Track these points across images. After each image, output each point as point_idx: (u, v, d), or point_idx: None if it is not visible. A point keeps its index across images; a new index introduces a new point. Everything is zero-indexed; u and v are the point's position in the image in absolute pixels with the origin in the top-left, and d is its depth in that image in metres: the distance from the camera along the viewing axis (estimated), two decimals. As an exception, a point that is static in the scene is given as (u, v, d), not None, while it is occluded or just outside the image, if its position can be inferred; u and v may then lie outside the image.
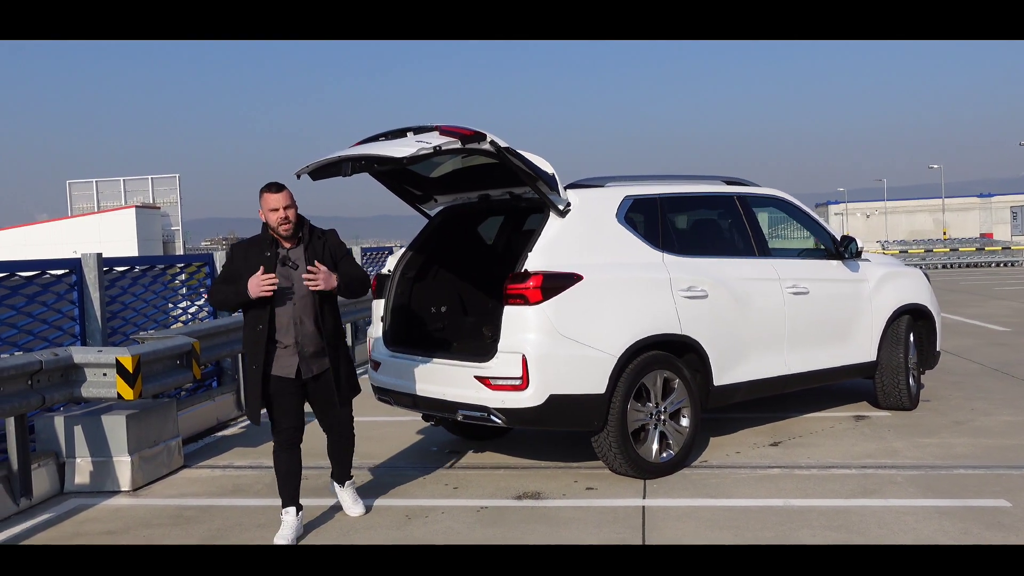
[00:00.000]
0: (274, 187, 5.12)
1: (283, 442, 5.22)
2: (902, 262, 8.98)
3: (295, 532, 5.19)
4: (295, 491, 5.26)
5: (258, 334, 5.06)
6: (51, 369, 6.06)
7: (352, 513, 5.58)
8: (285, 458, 5.23)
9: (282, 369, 5.13)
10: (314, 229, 5.26)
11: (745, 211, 7.26)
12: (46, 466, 6.29)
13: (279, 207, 5.04)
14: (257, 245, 5.16)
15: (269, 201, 5.07)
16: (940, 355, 8.79)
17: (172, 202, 66.16)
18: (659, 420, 6.27)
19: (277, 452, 5.25)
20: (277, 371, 5.13)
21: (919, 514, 5.29)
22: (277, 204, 5.05)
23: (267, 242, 5.14)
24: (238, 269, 5.11)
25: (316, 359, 5.17)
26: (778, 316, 7.02)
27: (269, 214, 5.08)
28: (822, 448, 6.90)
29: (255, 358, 5.09)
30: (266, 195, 5.09)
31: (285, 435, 5.21)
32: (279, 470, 5.25)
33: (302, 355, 5.13)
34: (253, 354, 5.11)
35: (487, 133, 5.60)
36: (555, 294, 5.82)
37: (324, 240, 5.24)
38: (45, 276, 7.03)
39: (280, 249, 5.15)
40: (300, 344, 5.11)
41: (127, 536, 5.41)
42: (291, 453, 5.24)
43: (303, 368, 5.15)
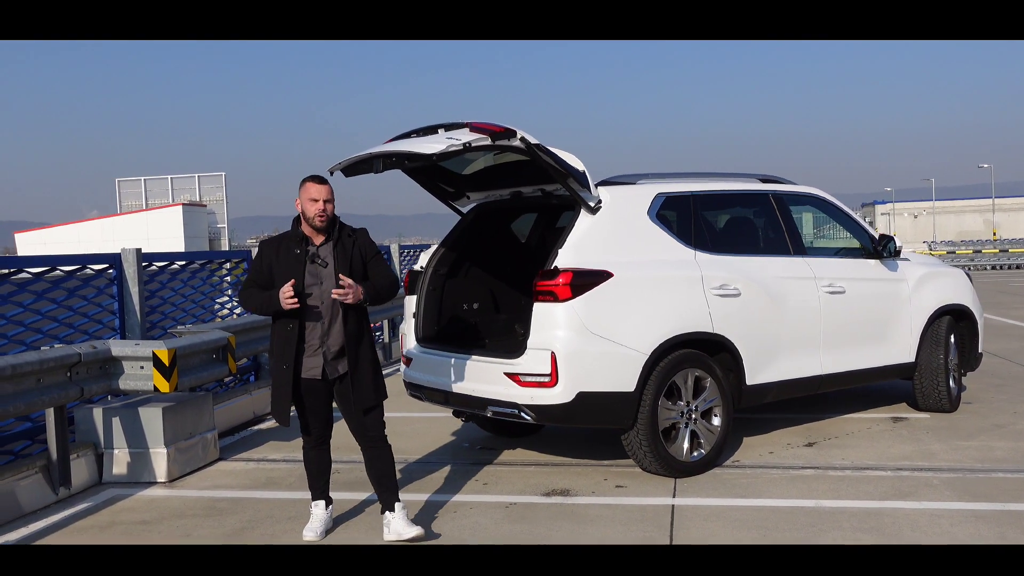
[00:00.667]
0: (318, 178, 5.08)
1: (312, 442, 5.25)
2: (944, 262, 8.83)
3: (324, 525, 5.23)
4: (325, 486, 5.30)
5: (289, 333, 5.00)
6: (90, 361, 6.18)
7: (406, 535, 5.01)
8: (314, 456, 5.27)
9: (308, 371, 5.07)
10: (344, 227, 5.17)
11: (780, 209, 7.18)
12: (85, 457, 6.42)
13: (320, 199, 4.98)
14: (288, 241, 5.11)
15: (311, 191, 5.00)
16: (982, 357, 8.63)
17: (218, 200, 67.17)
18: (690, 419, 6.23)
19: (307, 451, 5.29)
20: (304, 373, 5.07)
21: (954, 517, 5.20)
22: (318, 196, 4.98)
23: (297, 239, 5.08)
24: (268, 266, 5.07)
25: (340, 359, 5.08)
26: (813, 315, 6.93)
27: (308, 204, 5.00)
28: (857, 449, 6.81)
29: (285, 358, 5.02)
30: (308, 184, 5.02)
31: (314, 436, 5.23)
32: (309, 468, 5.30)
33: (326, 356, 5.05)
34: (283, 354, 5.03)
35: (517, 130, 5.61)
36: (585, 291, 5.81)
37: (354, 239, 5.14)
38: (86, 270, 7.17)
39: (310, 246, 5.07)
40: (325, 345, 5.04)
41: (161, 526, 5.50)
42: (320, 451, 5.27)
43: (328, 369, 5.07)
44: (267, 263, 5.07)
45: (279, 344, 5.05)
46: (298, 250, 5.03)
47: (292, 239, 5.09)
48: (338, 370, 5.07)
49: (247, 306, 5.16)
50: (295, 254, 5.02)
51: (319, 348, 5.03)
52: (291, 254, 5.03)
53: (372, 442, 5.14)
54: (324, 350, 5.03)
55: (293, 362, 5.00)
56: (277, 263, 5.03)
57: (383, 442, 5.16)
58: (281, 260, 5.03)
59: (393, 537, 5.02)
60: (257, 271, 5.11)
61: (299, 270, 4.98)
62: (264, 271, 5.07)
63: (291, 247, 5.05)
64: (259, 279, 5.08)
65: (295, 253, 5.02)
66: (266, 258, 5.09)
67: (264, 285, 5.05)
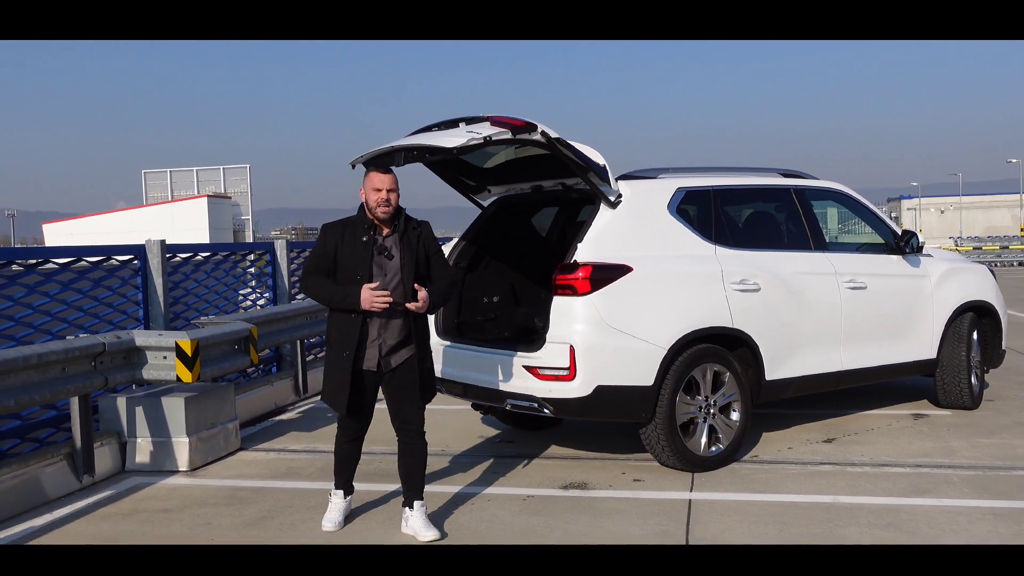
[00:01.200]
0: (382, 167, 5.02)
1: (349, 435, 5.21)
2: (967, 258, 8.76)
3: (342, 515, 5.27)
4: (350, 476, 5.32)
5: (352, 321, 4.91)
6: (114, 351, 6.27)
7: (424, 537, 4.97)
8: (348, 449, 5.25)
9: (365, 362, 4.99)
10: (410, 219, 5.08)
11: (801, 204, 7.16)
12: (109, 445, 6.51)
13: (383, 188, 4.89)
14: (353, 227, 4.98)
15: (374, 180, 4.92)
16: (1005, 354, 8.56)
17: (243, 192, 67.56)
18: (708, 413, 6.23)
19: (341, 442, 5.25)
20: (361, 364, 5.00)
21: (972, 515, 5.18)
22: (382, 185, 4.90)
23: (365, 225, 4.96)
24: (334, 248, 4.95)
25: (395, 352, 5.02)
26: (834, 311, 6.91)
27: (371, 193, 4.91)
28: (877, 446, 6.78)
29: (347, 345, 4.92)
30: (372, 174, 4.95)
31: (352, 430, 5.19)
32: (339, 458, 5.28)
33: (382, 349, 4.99)
34: (346, 342, 4.93)
35: (538, 124, 5.62)
36: (604, 285, 5.82)
37: (419, 232, 5.06)
38: (111, 261, 7.26)
39: (377, 236, 4.97)
40: (382, 337, 4.98)
41: (182, 514, 5.58)
42: (354, 446, 5.26)
43: (383, 362, 5.01)
44: (332, 248, 4.97)
45: (339, 333, 4.97)
46: (365, 238, 4.93)
47: (358, 225, 4.98)
48: (391, 363, 5.02)
49: (313, 294, 5.03)
50: (362, 242, 4.92)
51: (376, 340, 4.98)
52: (358, 242, 4.93)
53: (412, 434, 5.10)
54: (381, 343, 4.98)
55: (355, 351, 4.93)
56: (343, 248, 4.94)
57: (422, 436, 5.13)
58: (346, 246, 4.94)
59: (410, 532, 5.03)
60: (320, 256, 4.99)
61: (367, 261, 4.90)
62: (328, 256, 4.97)
63: (358, 234, 4.95)
64: (322, 264, 4.97)
65: (362, 241, 4.92)
66: (331, 243, 4.98)
67: (327, 271, 4.96)
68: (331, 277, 4.97)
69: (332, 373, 5.03)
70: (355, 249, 4.92)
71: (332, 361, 5.03)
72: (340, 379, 4.96)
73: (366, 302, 4.81)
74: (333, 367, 5.02)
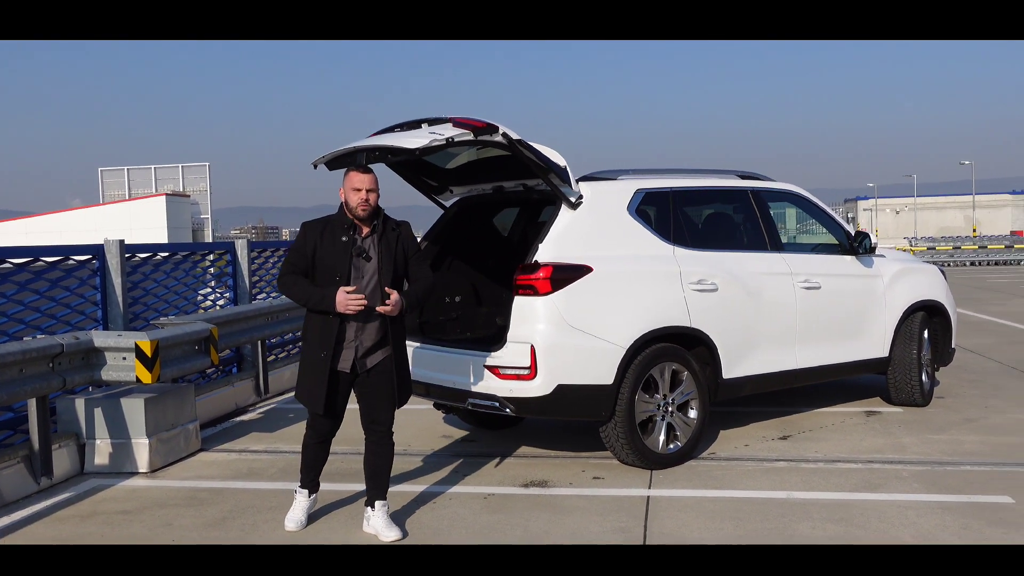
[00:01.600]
0: (362, 167, 5.05)
1: (318, 436, 5.21)
2: (919, 258, 8.97)
3: (306, 513, 5.28)
4: (316, 476, 5.32)
5: (329, 323, 4.93)
6: (72, 352, 6.22)
7: (386, 538, 5.00)
8: (316, 449, 5.26)
9: (341, 362, 5.01)
10: (388, 220, 5.10)
11: (758, 205, 7.29)
12: (67, 447, 6.45)
13: (363, 188, 4.91)
14: (333, 227, 4.99)
15: (353, 180, 4.94)
16: (955, 352, 8.78)
17: (202, 190, 66.74)
18: (667, 412, 6.33)
19: (309, 443, 5.24)
20: (337, 364, 5.02)
21: (921, 509, 5.32)
22: (361, 184, 4.92)
23: (345, 225, 4.97)
24: (312, 248, 4.96)
25: (371, 354, 5.05)
26: (789, 311, 7.05)
27: (351, 193, 4.93)
28: (830, 442, 6.93)
29: (325, 346, 4.93)
30: (352, 173, 4.98)
31: (323, 430, 5.19)
32: (306, 458, 5.27)
33: (358, 351, 5.01)
34: (323, 342, 4.94)
35: (499, 125, 5.68)
36: (564, 285, 5.90)
37: (398, 233, 5.08)
38: (68, 261, 7.19)
39: (356, 236, 4.98)
40: (359, 339, 5.00)
41: (142, 515, 5.56)
42: (323, 446, 5.26)
43: (358, 363, 5.03)
44: (311, 247, 4.97)
45: (317, 333, 4.98)
46: (344, 238, 4.94)
47: (338, 224, 4.99)
48: (367, 364, 5.04)
49: (290, 294, 5.03)
50: (342, 243, 4.94)
51: (353, 341, 5.00)
52: (337, 242, 4.94)
53: (381, 435, 5.13)
54: (357, 344, 5.00)
55: (332, 352, 4.94)
56: (322, 248, 4.95)
57: (390, 436, 5.16)
58: (326, 246, 4.95)
59: (371, 532, 5.08)
60: (299, 254, 5.00)
61: (345, 262, 4.92)
62: (307, 255, 4.98)
63: (337, 233, 4.97)
64: (300, 263, 4.99)
65: (342, 242, 4.94)
66: (310, 242, 4.99)
67: (305, 270, 4.98)
68: (309, 276, 4.98)
69: (308, 372, 5.02)
70: (335, 249, 4.93)
71: (309, 360, 5.03)
72: (318, 378, 4.97)
73: (341, 305, 4.83)
74: (310, 366, 5.02)
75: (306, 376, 5.04)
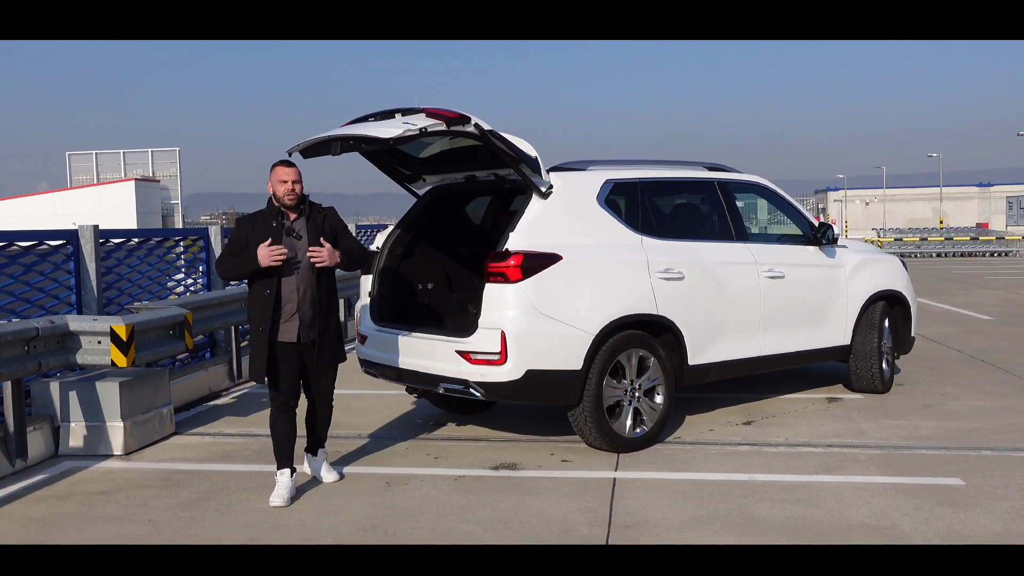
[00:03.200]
0: (286, 162, 5.57)
1: (282, 405, 5.57)
2: (880, 250, 9.20)
3: (290, 492, 5.48)
4: (290, 455, 5.58)
5: (265, 299, 5.42)
6: (47, 336, 6.28)
7: (327, 479, 5.82)
8: (284, 421, 5.58)
9: (284, 334, 5.48)
10: (314, 204, 5.61)
11: (725, 196, 7.46)
12: (42, 430, 6.52)
13: (288, 179, 5.44)
14: (263, 216, 5.54)
15: (280, 173, 5.46)
16: (915, 340, 9.02)
17: (172, 176, 66.11)
18: (634, 397, 6.50)
19: (276, 416, 5.59)
20: (280, 336, 5.48)
21: (875, 490, 5.53)
22: (287, 177, 5.45)
23: (273, 213, 5.51)
24: (245, 238, 5.47)
25: (312, 325, 5.52)
26: (753, 299, 7.23)
27: (278, 185, 5.46)
28: (792, 427, 7.14)
29: (262, 321, 5.43)
30: (278, 168, 5.49)
31: (284, 398, 5.56)
32: (277, 434, 5.58)
33: (302, 321, 5.48)
34: (260, 318, 5.44)
35: (471, 116, 5.80)
36: (534, 273, 6.04)
37: (324, 215, 5.62)
38: (42, 246, 7.23)
39: (285, 220, 5.51)
40: (301, 311, 5.47)
41: (118, 496, 5.65)
42: (289, 417, 5.59)
43: (302, 333, 5.50)
44: (244, 236, 5.48)
45: (256, 309, 5.47)
46: (274, 223, 5.47)
47: (268, 214, 5.52)
48: (311, 335, 5.53)
49: (225, 273, 5.62)
50: (272, 227, 5.45)
51: (295, 314, 5.47)
52: (268, 228, 5.46)
53: (322, 400, 5.75)
54: (300, 315, 5.48)
55: (269, 327, 5.41)
56: (254, 236, 5.44)
57: (330, 402, 5.81)
58: (258, 233, 5.44)
59: (310, 472, 5.87)
60: (235, 244, 5.51)
61: (278, 241, 5.41)
62: (242, 243, 5.47)
63: (268, 221, 5.49)
64: (236, 251, 5.49)
65: (272, 226, 5.46)
66: (243, 232, 5.50)
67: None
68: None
69: (252, 347, 5.53)
70: (266, 234, 5.44)
71: (252, 337, 5.54)
72: (258, 351, 5.45)
73: (264, 259, 5.31)
74: (253, 342, 5.52)
75: (252, 351, 5.53)
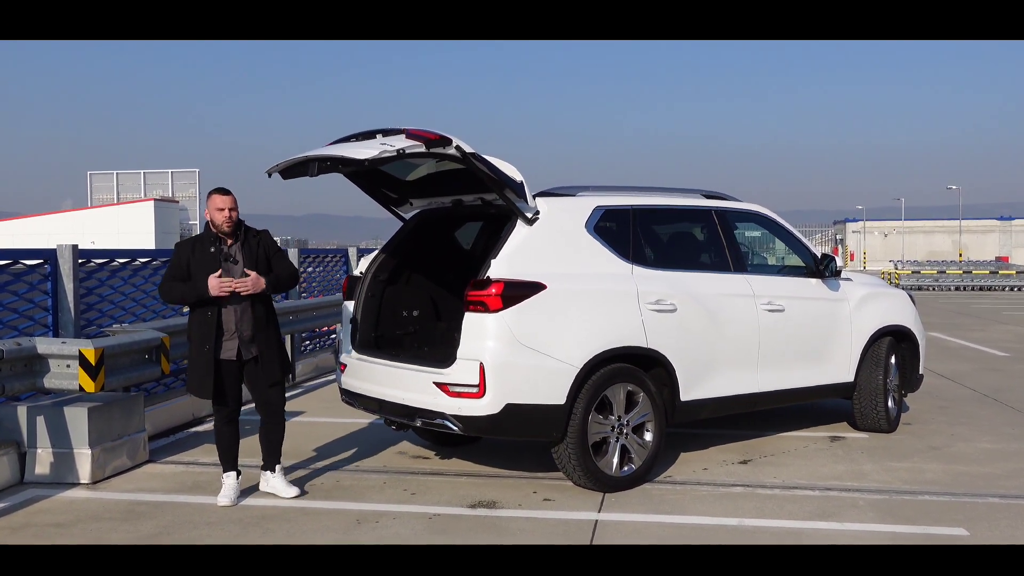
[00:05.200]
0: (223, 191, 5.83)
1: (225, 418, 5.94)
2: (886, 282, 8.89)
3: (235, 492, 5.89)
4: (234, 459, 5.99)
5: (208, 320, 5.75)
6: (13, 359, 6.06)
7: (285, 495, 5.97)
8: (227, 432, 5.96)
9: (226, 352, 5.80)
10: (249, 229, 5.95)
11: (722, 226, 7.18)
12: (7, 455, 6.29)
13: (225, 207, 5.77)
14: (202, 242, 5.84)
15: (217, 202, 5.79)
16: (923, 378, 8.68)
17: (191, 196, 66.54)
18: (621, 433, 6.20)
19: (220, 427, 5.97)
20: (222, 355, 5.80)
21: (872, 539, 5.20)
22: (224, 205, 5.78)
23: (212, 239, 5.82)
24: (186, 262, 5.77)
25: (253, 343, 5.85)
26: (750, 333, 6.93)
27: (216, 213, 5.79)
28: (790, 468, 6.81)
29: (206, 341, 5.73)
30: (215, 196, 5.81)
31: (227, 412, 5.92)
32: (221, 443, 5.97)
33: (241, 339, 5.81)
34: (204, 338, 5.74)
35: (452, 138, 5.58)
36: (516, 302, 5.78)
37: (259, 239, 5.95)
38: (17, 265, 7.04)
39: (223, 245, 5.82)
40: (240, 330, 5.80)
41: (75, 528, 5.40)
42: (232, 427, 5.97)
43: (243, 351, 5.83)
44: (184, 260, 5.80)
45: (199, 329, 5.78)
46: (212, 248, 5.79)
47: (206, 239, 5.85)
48: (252, 351, 5.86)
49: (169, 298, 6.02)
50: (210, 252, 5.78)
51: (235, 332, 5.80)
52: (207, 252, 5.78)
53: (272, 415, 6.01)
54: (239, 334, 5.81)
55: (214, 345, 5.72)
56: (194, 260, 5.77)
57: (281, 416, 6.07)
58: (197, 257, 5.78)
59: (269, 490, 6.03)
60: (176, 267, 5.82)
61: (216, 267, 5.74)
62: (183, 267, 5.80)
63: (206, 246, 5.81)
64: (177, 274, 5.81)
65: (210, 252, 5.78)
66: (183, 256, 5.83)
67: (182, 279, 5.78)
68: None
69: (195, 365, 5.80)
70: (205, 258, 5.78)
71: (194, 354, 5.80)
72: (203, 369, 5.74)
73: (214, 289, 5.65)
74: (195, 360, 5.79)
75: (193, 370, 5.82)
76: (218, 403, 5.89)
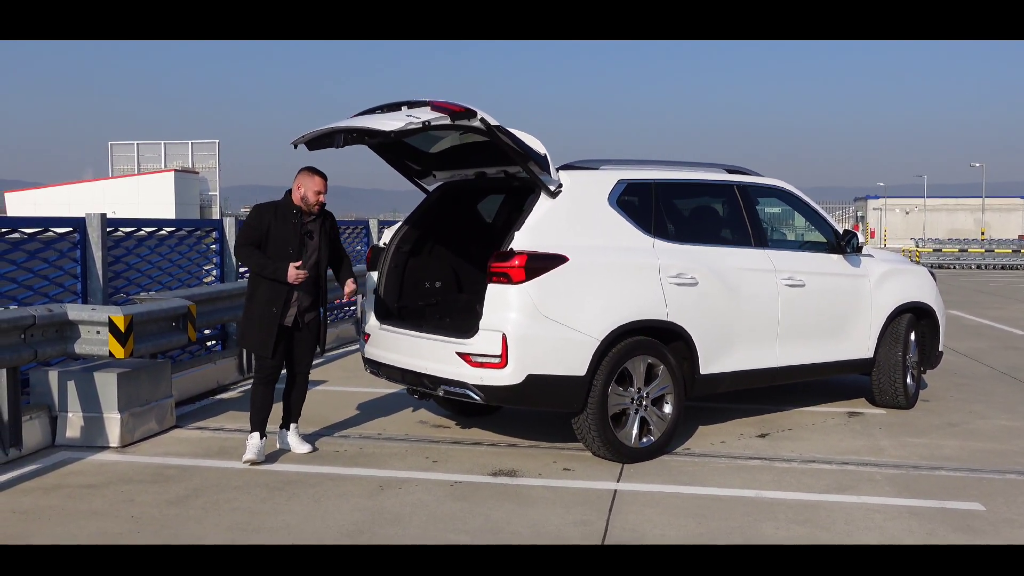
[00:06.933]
0: (322, 173, 6.14)
1: (265, 378, 6.23)
2: (907, 259, 8.88)
3: (260, 452, 6.11)
4: (263, 421, 6.22)
5: (281, 290, 6.07)
6: (45, 324, 6.18)
7: (299, 451, 6.36)
8: (263, 391, 6.24)
9: (287, 318, 6.17)
10: (325, 210, 6.29)
11: (744, 200, 7.20)
12: (39, 419, 6.44)
13: (323, 191, 6.13)
14: (284, 209, 6.13)
15: (318, 183, 6.11)
16: (942, 355, 8.69)
17: (211, 167, 66.78)
18: (641, 405, 6.27)
19: (257, 386, 6.25)
20: (284, 320, 6.15)
21: (889, 512, 5.26)
22: (323, 188, 6.13)
23: (295, 212, 6.11)
24: (267, 225, 6.07)
25: (308, 312, 6.26)
26: (771, 308, 6.97)
27: (311, 193, 6.09)
28: (808, 442, 6.87)
29: (276, 303, 6.06)
30: (317, 178, 6.11)
31: (269, 371, 6.21)
32: (256, 402, 6.23)
33: (299, 308, 6.19)
34: (272, 301, 6.06)
35: (477, 110, 5.62)
36: (539, 274, 5.84)
37: (330, 221, 6.36)
38: (48, 233, 7.16)
39: (304, 220, 6.15)
40: (300, 300, 6.17)
41: (106, 490, 5.53)
42: (268, 388, 6.25)
43: (299, 318, 6.21)
44: (265, 224, 6.08)
45: (269, 293, 6.06)
46: (295, 220, 6.10)
47: (288, 210, 6.13)
48: (305, 319, 6.26)
49: (247, 262, 6.22)
50: (292, 224, 6.09)
51: (295, 302, 6.17)
52: (288, 223, 6.09)
53: (303, 376, 6.42)
54: (299, 303, 6.18)
55: (282, 308, 6.08)
56: (275, 227, 6.07)
57: (306, 378, 6.49)
58: (279, 225, 6.08)
59: (284, 447, 6.40)
60: (254, 229, 6.10)
61: (296, 239, 6.09)
62: (261, 230, 6.08)
63: (288, 216, 6.11)
64: (254, 237, 6.08)
65: (292, 223, 6.09)
66: (264, 221, 6.10)
67: (257, 242, 6.07)
68: (261, 247, 6.08)
69: (259, 324, 6.09)
70: (286, 228, 6.09)
71: (259, 314, 6.09)
72: (267, 330, 6.08)
73: (291, 277, 5.98)
74: (260, 319, 6.08)
75: (257, 328, 6.12)
76: (259, 365, 6.28)
